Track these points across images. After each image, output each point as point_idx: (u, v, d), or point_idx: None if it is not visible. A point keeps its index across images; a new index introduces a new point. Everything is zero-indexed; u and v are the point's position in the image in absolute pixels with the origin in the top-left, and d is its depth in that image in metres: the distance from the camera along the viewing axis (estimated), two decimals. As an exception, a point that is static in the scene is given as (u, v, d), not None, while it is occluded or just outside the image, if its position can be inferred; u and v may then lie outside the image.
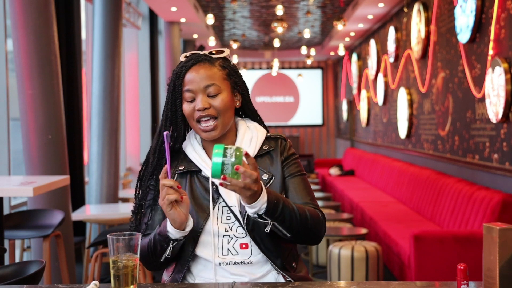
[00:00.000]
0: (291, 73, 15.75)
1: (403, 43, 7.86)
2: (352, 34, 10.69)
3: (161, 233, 1.60)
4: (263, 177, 1.70)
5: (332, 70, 15.80)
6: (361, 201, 7.11)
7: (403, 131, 7.71)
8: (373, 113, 10.19)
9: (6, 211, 4.53)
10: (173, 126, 1.72)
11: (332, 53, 13.70)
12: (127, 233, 1.42)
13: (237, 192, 1.48)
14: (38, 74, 4.01)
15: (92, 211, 5.13)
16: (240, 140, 1.74)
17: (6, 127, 4.84)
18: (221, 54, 1.73)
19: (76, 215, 4.72)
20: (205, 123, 1.67)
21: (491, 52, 4.62)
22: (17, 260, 4.68)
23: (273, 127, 15.53)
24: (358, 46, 11.73)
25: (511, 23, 4.29)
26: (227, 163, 1.44)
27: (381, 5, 8.12)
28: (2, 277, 2.14)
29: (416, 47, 7.01)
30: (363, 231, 5.11)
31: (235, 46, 10.12)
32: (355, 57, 11.81)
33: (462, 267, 1.44)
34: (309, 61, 13.63)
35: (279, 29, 7.97)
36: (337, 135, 15.29)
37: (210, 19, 8.08)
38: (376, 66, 9.51)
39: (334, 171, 10.72)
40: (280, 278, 1.68)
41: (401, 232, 5.10)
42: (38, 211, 3.77)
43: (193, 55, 1.73)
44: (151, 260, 1.67)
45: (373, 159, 9.24)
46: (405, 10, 7.62)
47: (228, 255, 1.65)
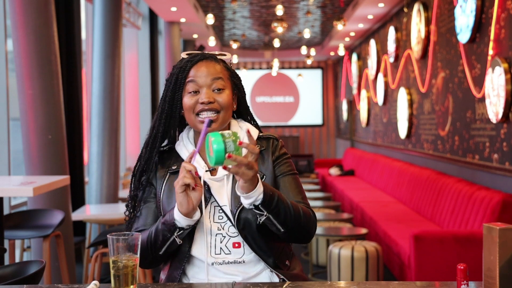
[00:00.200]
0: (291, 73, 15.75)
1: (403, 43, 7.86)
2: (352, 34, 10.69)
3: (166, 222, 1.61)
4: None
5: (332, 70, 15.80)
6: (361, 201, 7.11)
7: (403, 131, 7.71)
8: (373, 113, 10.19)
9: (6, 211, 4.53)
10: (167, 120, 1.73)
11: (332, 53, 13.70)
12: (127, 233, 1.43)
13: (240, 174, 1.49)
14: (38, 74, 4.01)
15: (92, 211, 5.13)
16: None
17: (6, 127, 4.84)
18: (224, 57, 1.78)
19: (76, 215, 4.72)
20: (206, 113, 1.68)
21: (491, 52, 4.62)
22: (17, 260, 4.68)
23: (273, 127, 15.54)
24: (358, 46, 11.73)
25: (511, 23, 4.29)
26: (228, 141, 1.44)
27: (381, 5, 8.12)
28: (2, 277, 2.14)
29: (416, 47, 7.01)
30: (363, 231, 5.11)
31: (235, 46, 10.13)
32: (355, 57, 11.81)
33: (462, 267, 1.44)
34: (309, 61, 13.64)
35: (279, 29, 7.97)
36: (337, 135, 15.29)
37: (210, 19, 8.09)
38: (376, 66, 9.51)
39: (334, 171, 10.72)
40: (273, 276, 1.69)
41: (401, 232, 5.10)
42: (38, 211, 3.77)
43: (198, 53, 1.76)
44: (148, 254, 1.66)
45: (373, 159, 9.24)
46: (405, 10, 7.62)
47: (220, 254, 1.66)
